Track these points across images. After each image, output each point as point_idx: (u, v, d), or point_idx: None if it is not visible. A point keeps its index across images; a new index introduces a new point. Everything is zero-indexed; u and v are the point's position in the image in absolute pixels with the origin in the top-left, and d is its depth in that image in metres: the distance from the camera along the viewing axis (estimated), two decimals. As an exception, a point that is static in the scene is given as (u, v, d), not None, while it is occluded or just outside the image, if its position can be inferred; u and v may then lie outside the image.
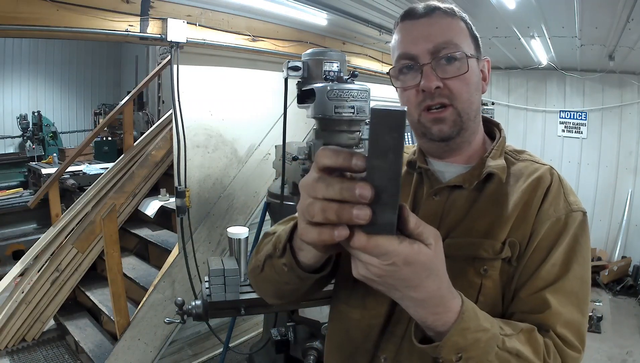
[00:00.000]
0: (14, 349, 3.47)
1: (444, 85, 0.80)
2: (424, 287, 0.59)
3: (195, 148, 3.14)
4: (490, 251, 0.78)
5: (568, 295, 0.76)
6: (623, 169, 5.48)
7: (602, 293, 5.07)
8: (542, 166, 0.86)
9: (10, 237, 5.27)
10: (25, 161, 6.92)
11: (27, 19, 2.23)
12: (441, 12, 0.83)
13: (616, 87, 5.41)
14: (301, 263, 0.73)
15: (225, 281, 1.76)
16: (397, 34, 0.86)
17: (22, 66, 7.72)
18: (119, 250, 3.13)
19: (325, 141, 2.04)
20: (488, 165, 0.84)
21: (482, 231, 0.80)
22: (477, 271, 0.78)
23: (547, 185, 0.82)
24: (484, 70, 0.88)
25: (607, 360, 3.70)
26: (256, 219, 3.16)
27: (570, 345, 0.73)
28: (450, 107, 0.81)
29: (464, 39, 0.83)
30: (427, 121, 0.83)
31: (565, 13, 3.20)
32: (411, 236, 0.56)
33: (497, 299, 0.78)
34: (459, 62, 0.81)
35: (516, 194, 0.82)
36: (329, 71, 2.03)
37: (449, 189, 0.86)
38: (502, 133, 0.92)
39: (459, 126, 0.82)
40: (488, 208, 0.82)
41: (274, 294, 0.89)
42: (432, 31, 0.81)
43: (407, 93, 0.84)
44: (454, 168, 0.88)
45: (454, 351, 0.63)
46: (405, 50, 0.83)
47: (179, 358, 3.43)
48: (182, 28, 2.79)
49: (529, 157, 0.90)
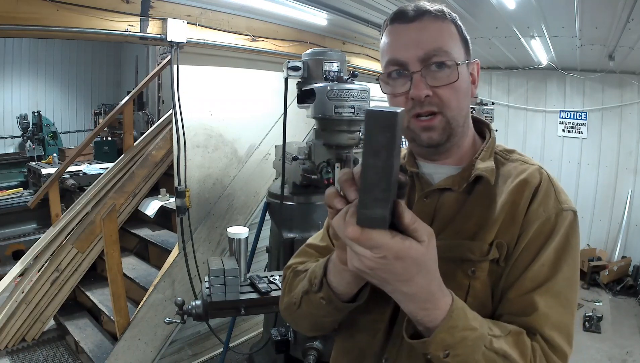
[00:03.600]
0: (14, 349, 3.47)
1: (433, 93, 0.79)
2: (414, 282, 0.62)
3: (195, 148, 3.14)
4: (477, 252, 0.79)
5: (556, 297, 0.76)
6: (623, 169, 5.48)
7: (602, 293, 5.06)
8: (530, 166, 0.86)
9: (10, 237, 5.27)
10: (25, 161, 6.93)
11: (27, 19, 2.23)
12: (431, 16, 0.81)
13: (616, 87, 5.41)
14: (337, 294, 0.77)
15: (225, 281, 1.76)
16: (386, 37, 0.85)
17: (22, 66, 7.72)
18: (119, 250, 3.13)
19: (326, 141, 2.04)
20: (477, 168, 0.84)
21: (470, 233, 0.81)
22: (465, 273, 0.79)
23: (536, 185, 0.82)
24: (473, 73, 0.88)
25: (607, 360, 3.70)
26: (256, 220, 3.16)
27: (557, 349, 0.74)
28: (439, 115, 0.81)
29: (455, 44, 0.82)
30: (416, 128, 0.83)
31: (565, 13, 3.19)
32: (406, 232, 0.58)
33: (486, 300, 0.79)
34: (449, 70, 0.80)
35: (504, 195, 0.82)
36: (329, 71, 2.03)
37: (439, 191, 0.86)
38: (491, 133, 0.93)
39: (448, 133, 0.82)
40: (476, 210, 0.83)
41: (312, 327, 0.92)
42: (423, 37, 0.79)
43: (396, 100, 0.83)
44: (444, 169, 0.88)
45: (441, 348, 0.65)
46: (394, 56, 0.82)
47: (179, 358, 3.43)
48: (182, 28, 2.79)
49: (519, 157, 0.90)
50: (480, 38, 4.25)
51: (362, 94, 1.94)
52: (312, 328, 0.93)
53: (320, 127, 2.06)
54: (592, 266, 5.22)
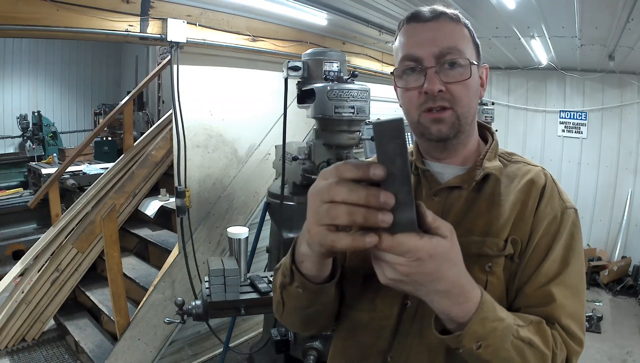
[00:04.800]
0: (14, 349, 3.47)
1: (446, 89, 0.82)
2: (447, 278, 0.63)
3: (195, 148, 3.14)
4: (494, 248, 0.82)
5: (570, 288, 0.80)
6: (623, 169, 5.47)
7: (602, 293, 5.06)
8: (534, 168, 0.91)
9: (10, 237, 5.27)
10: (25, 161, 6.93)
11: (27, 19, 2.23)
12: (447, 18, 0.85)
13: (616, 87, 5.40)
14: (308, 277, 0.77)
15: (225, 281, 1.76)
16: (402, 36, 0.88)
17: (22, 66, 7.72)
18: (119, 250, 3.13)
19: (325, 141, 2.04)
20: (485, 166, 0.88)
21: (482, 230, 0.84)
22: (482, 268, 0.82)
23: (542, 185, 0.87)
24: (482, 76, 0.92)
25: (607, 360, 3.70)
26: (256, 220, 3.17)
27: (574, 337, 0.78)
28: (450, 110, 0.84)
29: (467, 46, 0.86)
30: (426, 121, 0.85)
31: (565, 13, 3.19)
32: (429, 231, 0.60)
33: (502, 295, 0.82)
34: (462, 68, 0.83)
35: (513, 194, 0.86)
36: (329, 71, 2.03)
37: (448, 189, 0.89)
38: (494, 137, 0.96)
39: (456, 128, 0.85)
40: (486, 208, 0.86)
41: (303, 323, 0.92)
42: (438, 36, 0.83)
43: (409, 94, 0.86)
44: (451, 169, 0.91)
45: (474, 339, 0.67)
46: (410, 52, 0.84)
47: (179, 358, 3.43)
48: (182, 28, 2.79)
49: (520, 159, 0.94)
50: (480, 38, 4.21)
51: (362, 94, 1.94)
52: (303, 325, 0.93)
53: (320, 127, 2.06)
54: (592, 266, 5.22)
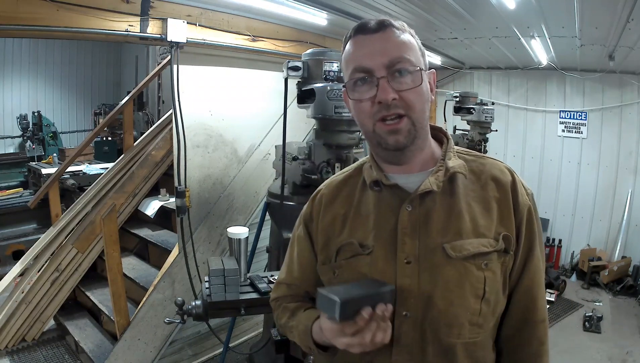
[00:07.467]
0: (14, 349, 3.47)
1: (399, 97, 0.84)
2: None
3: (195, 148, 3.14)
4: (488, 245, 0.87)
5: (541, 280, 0.94)
6: (623, 169, 5.46)
7: (602, 293, 5.05)
8: (496, 162, 0.97)
9: (10, 237, 5.27)
10: (25, 161, 6.92)
11: (27, 19, 2.23)
12: (393, 28, 0.88)
13: (616, 87, 5.39)
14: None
15: (225, 281, 1.75)
16: (350, 47, 0.90)
17: (22, 66, 7.71)
18: (119, 250, 3.13)
19: (326, 141, 2.04)
20: (450, 166, 0.91)
21: (471, 230, 0.87)
22: (479, 267, 0.86)
23: (511, 180, 0.93)
24: (430, 82, 0.93)
25: (607, 360, 3.69)
26: (256, 220, 3.16)
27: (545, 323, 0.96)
28: (405, 118, 0.85)
29: (415, 53, 0.88)
30: (383, 132, 0.87)
31: (565, 13, 3.19)
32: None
33: (499, 288, 0.89)
34: (413, 75, 0.86)
35: (486, 192, 0.91)
36: (329, 71, 2.03)
37: (419, 198, 0.90)
38: (447, 136, 0.99)
39: (413, 135, 0.87)
40: (466, 207, 0.89)
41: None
42: (387, 46, 0.86)
43: (362, 105, 0.88)
44: (416, 177, 0.92)
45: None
46: (360, 63, 0.86)
47: (179, 358, 3.44)
48: (182, 28, 2.79)
49: (477, 153, 0.99)
50: (480, 38, 4.25)
51: (362, 94, 1.93)
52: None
53: (320, 127, 2.06)
54: (592, 266, 5.21)
